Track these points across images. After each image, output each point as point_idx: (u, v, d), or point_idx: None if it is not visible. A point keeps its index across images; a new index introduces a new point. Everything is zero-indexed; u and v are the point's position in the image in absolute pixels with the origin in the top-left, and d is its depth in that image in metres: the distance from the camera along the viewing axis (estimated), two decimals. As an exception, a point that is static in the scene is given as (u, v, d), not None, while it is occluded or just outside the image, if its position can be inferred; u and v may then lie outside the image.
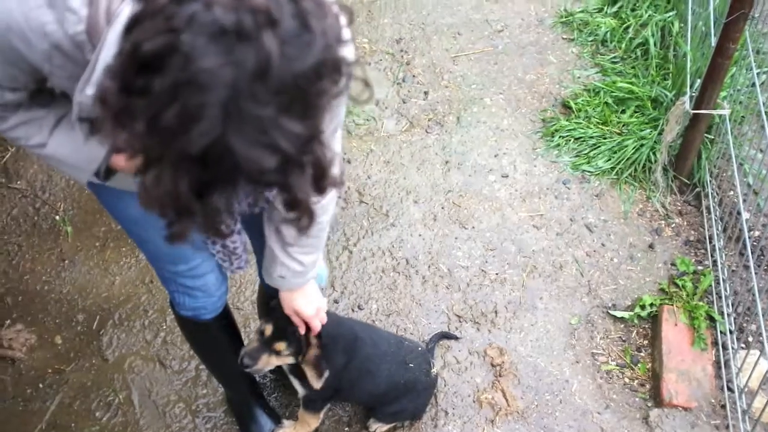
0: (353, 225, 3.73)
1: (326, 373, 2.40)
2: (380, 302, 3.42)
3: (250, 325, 3.31)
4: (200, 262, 2.21)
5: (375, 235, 3.68)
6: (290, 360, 2.43)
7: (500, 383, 3.14)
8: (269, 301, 2.53)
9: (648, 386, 3.19)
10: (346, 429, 3.01)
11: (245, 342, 2.66)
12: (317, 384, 2.41)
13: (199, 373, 3.15)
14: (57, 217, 3.72)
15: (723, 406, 3.06)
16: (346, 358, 2.54)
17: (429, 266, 3.55)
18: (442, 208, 3.81)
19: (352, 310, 3.38)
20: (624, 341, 3.32)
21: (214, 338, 2.57)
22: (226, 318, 2.52)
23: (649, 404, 3.12)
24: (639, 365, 3.25)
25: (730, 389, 3.09)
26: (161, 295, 3.42)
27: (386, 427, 2.94)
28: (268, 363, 2.41)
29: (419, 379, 2.83)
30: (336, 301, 3.41)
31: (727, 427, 2.99)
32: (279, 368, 2.60)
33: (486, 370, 3.19)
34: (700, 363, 3.17)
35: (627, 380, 3.21)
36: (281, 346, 2.36)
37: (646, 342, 3.33)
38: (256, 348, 2.39)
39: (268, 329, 2.37)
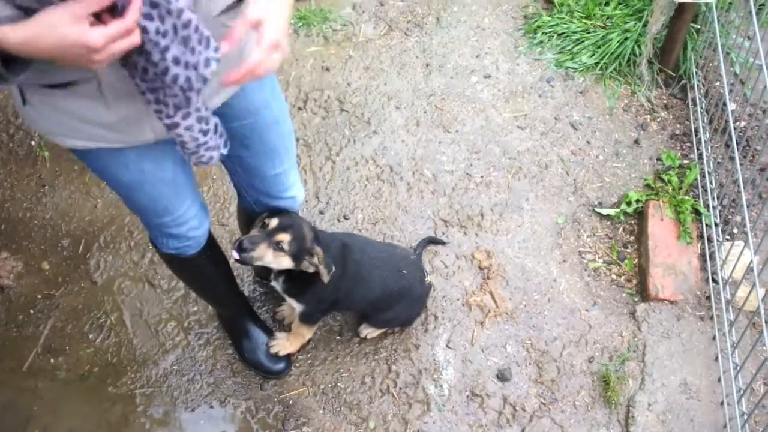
0: (335, 134, 3.67)
1: (333, 268, 2.40)
2: (366, 211, 3.40)
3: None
4: (184, 211, 2.20)
5: (357, 144, 3.63)
6: (284, 262, 2.35)
7: (488, 285, 3.16)
8: (248, 220, 2.52)
9: (635, 282, 3.22)
10: (338, 338, 3.04)
11: (231, 266, 2.67)
12: (326, 278, 2.37)
13: (188, 291, 3.16)
14: (33, 143, 3.65)
15: (708, 298, 3.10)
16: (339, 270, 2.50)
17: (413, 172, 3.52)
18: (425, 112, 3.75)
19: (338, 220, 3.36)
20: (611, 238, 3.33)
21: (199, 271, 2.56)
22: (210, 248, 2.48)
23: (636, 299, 3.15)
24: (626, 261, 3.26)
25: (714, 281, 3.12)
26: (145, 214, 3.40)
27: (377, 332, 2.98)
28: (264, 255, 2.31)
29: (413, 287, 2.84)
30: (321, 212, 3.39)
31: (712, 317, 3.03)
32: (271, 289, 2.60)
33: (474, 273, 3.20)
34: (686, 256, 3.19)
35: (614, 277, 3.23)
36: (284, 237, 2.29)
37: (632, 238, 3.34)
38: (258, 236, 2.31)
39: (273, 222, 2.31)
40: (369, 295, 2.74)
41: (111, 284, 3.22)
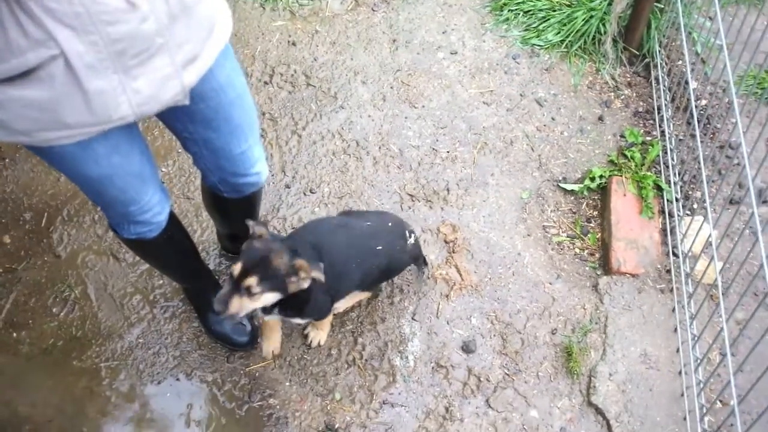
0: (301, 109, 3.66)
1: (321, 265, 2.28)
2: (332, 185, 3.40)
3: (201, 214, 3.29)
4: (148, 199, 2.20)
5: (324, 118, 3.63)
6: (269, 298, 2.25)
7: (454, 259, 3.19)
8: (212, 198, 2.50)
9: (597, 255, 3.27)
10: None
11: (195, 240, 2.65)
12: (320, 275, 2.25)
13: (153, 264, 3.14)
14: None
15: (668, 271, 3.16)
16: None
17: (380, 147, 3.53)
18: (391, 87, 3.75)
19: (304, 194, 3.36)
20: (574, 213, 3.37)
21: (161, 250, 2.54)
22: (171, 228, 2.45)
23: (599, 272, 3.20)
24: (589, 236, 3.31)
25: (675, 255, 3.18)
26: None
27: (346, 305, 2.98)
28: (242, 306, 2.20)
29: (395, 257, 2.76)
30: (288, 186, 3.39)
31: (672, 290, 3.10)
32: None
33: (440, 247, 3.23)
34: (648, 231, 3.24)
35: (577, 251, 3.28)
36: (251, 280, 2.15)
37: (595, 213, 3.38)
38: (227, 291, 2.19)
39: (236, 268, 2.18)
40: (353, 283, 2.68)
41: (75, 258, 3.19)
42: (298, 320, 2.65)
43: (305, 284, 2.26)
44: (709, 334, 2.89)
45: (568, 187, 3.42)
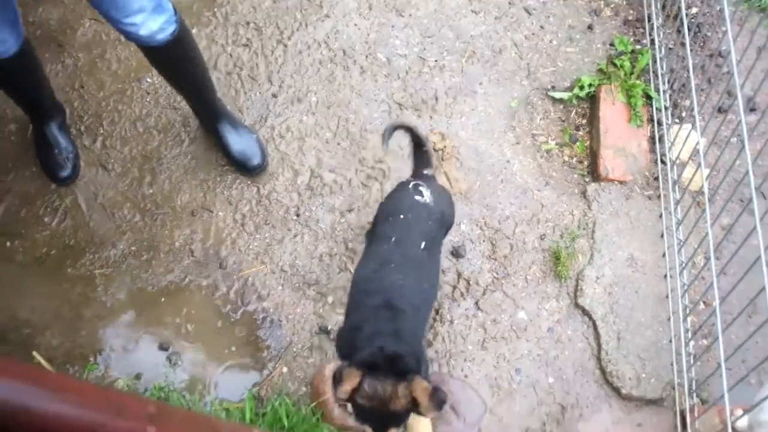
0: (286, 18, 3.60)
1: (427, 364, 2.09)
2: (319, 94, 3.38)
3: (189, 123, 3.26)
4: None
5: (309, 27, 3.58)
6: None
7: (443, 167, 3.20)
8: None
9: (586, 163, 3.30)
10: (294, 218, 3.06)
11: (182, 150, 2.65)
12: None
13: (143, 174, 3.13)
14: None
15: (656, 178, 3.19)
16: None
17: (366, 56, 3.49)
18: (379, -5, 3.69)
19: (292, 103, 3.34)
20: (563, 121, 3.38)
21: (12, 77, 2.75)
22: (25, 57, 2.64)
23: (587, 179, 3.23)
24: (577, 144, 3.33)
25: (663, 162, 3.21)
26: (94, 100, 3.33)
27: None
28: None
29: (433, 231, 2.44)
30: (275, 95, 3.36)
31: (659, 197, 3.14)
32: None
33: (429, 155, 3.23)
34: (636, 139, 3.26)
35: (566, 158, 3.30)
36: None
37: (584, 121, 3.39)
38: None
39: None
40: (432, 296, 2.42)
41: (63, 168, 3.17)
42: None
43: (433, 407, 1.95)
44: (694, 239, 2.95)
45: (557, 95, 3.41)
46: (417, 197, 2.42)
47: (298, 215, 3.07)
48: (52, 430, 0.76)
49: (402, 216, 2.38)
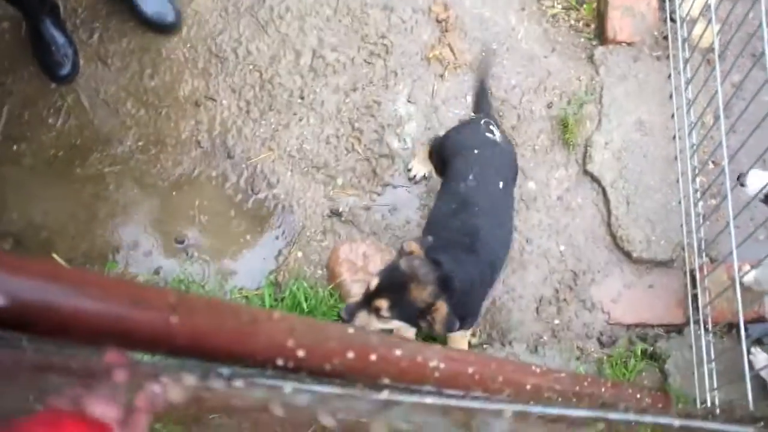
0: None
1: (456, 323, 2.00)
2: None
3: (186, 10, 3.18)
4: None
5: None
6: (398, 325, 2.04)
7: (447, 38, 3.13)
8: None
9: (593, 26, 3.21)
10: (299, 100, 3.04)
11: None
12: (454, 327, 2.00)
13: (143, 66, 3.09)
14: None
15: (665, 37, 3.10)
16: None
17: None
18: None
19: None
20: (568, -18, 3.27)
21: None
22: None
23: (594, 43, 3.16)
24: (584, 6, 3.23)
25: (672, 20, 3.11)
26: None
27: None
28: (369, 322, 1.99)
29: (506, 172, 2.41)
30: None
31: (668, 57, 3.06)
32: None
33: (432, 26, 3.16)
34: (644, -4, 3.16)
35: (573, 22, 3.21)
36: (382, 303, 1.95)
37: (590, -19, 3.28)
38: (357, 303, 2.00)
39: (373, 282, 1.99)
40: (508, 237, 2.37)
41: (62, 65, 3.14)
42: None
43: (439, 330, 1.99)
44: (703, 98, 2.90)
45: (562, -46, 3.28)
46: (488, 134, 2.39)
47: (302, 98, 3.04)
48: (74, 325, 0.79)
49: (476, 151, 2.35)
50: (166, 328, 0.89)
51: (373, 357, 1.37)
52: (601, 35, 3.16)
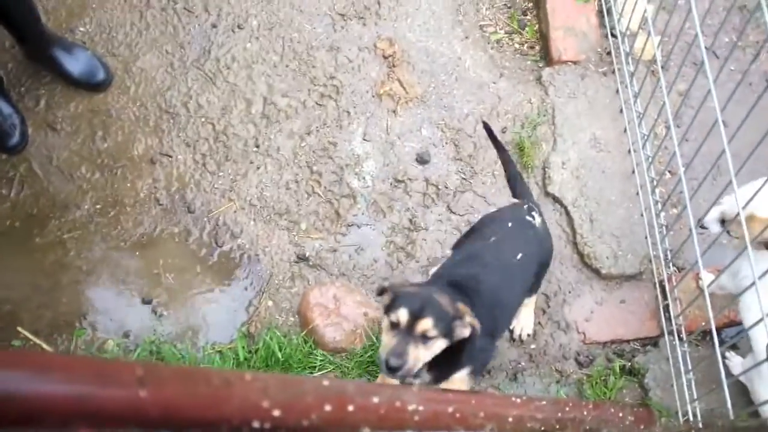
0: (213, -60, 3.45)
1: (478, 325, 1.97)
2: (259, 17, 3.27)
3: (131, 69, 3.17)
4: None
5: (239, -53, 3.43)
6: (440, 345, 1.94)
7: (395, 73, 3.15)
8: None
9: (537, 48, 3.26)
10: (254, 149, 3.03)
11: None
12: (476, 322, 1.97)
13: (93, 128, 3.06)
14: None
15: (608, 53, 3.16)
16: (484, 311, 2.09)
17: (302, -30, 3.37)
18: None
19: (233, 31, 3.24)
20: (509, 8, 3.32)
21: None
22: None
23: (541, 65, 3.20)
24: (527, 29, 3.28)
25: (613, 35, 3.18)
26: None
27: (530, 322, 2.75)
28: (419, 356, 1.90)
29: (536, 253, 2.37)
30: (214, 25, 3.25)
31: (614, 71, 3.12)
32: None
33: (379, 63, 3.18)
34: (584, 15, 3.21)
35: (517, 46, 3.26)
36: (427, 324, 1.87)
37: (531, 4, 3.33)
38: (399, 342, 1.88)
39: (402, 314, 1.88)
40: (511, 308, 2.37)
41: (11, 135, 3.09)
42: (458, 374, 2.18)
43: (467, 332, 1.96)
44: (653, 110, 2.95)
45: (500, -19, 3.34)
46: (528, 217, 2.37)
47: (257, 146, 3.03)
48: (41, 411, 0.77)
49: (510, 224, 2.34)
50: (136, 403, 0.87)
51: (350, 407, 1.35)
52: (546, 56, 3.21)
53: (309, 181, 2.97)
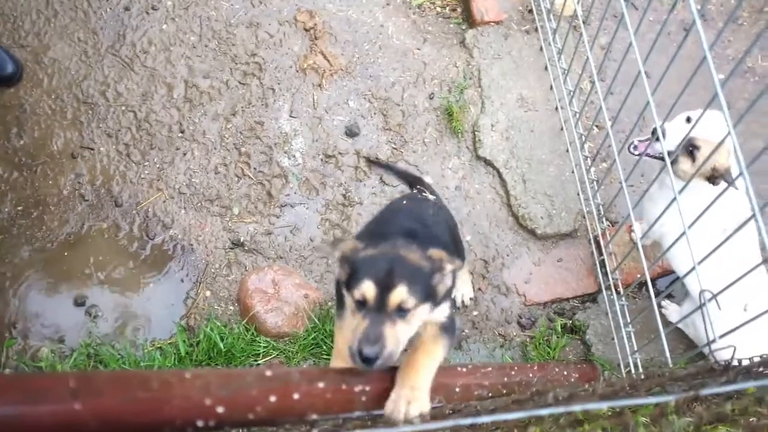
0: None
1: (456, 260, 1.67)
2: (173, -3, 3.17)
3: (43, 60, 3.04)
4: None
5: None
6: (423, 313, 1.58)
7: (318, 46, 3.09)
8: None
9: (459, 10, 3.22)
10: (179, 135, 2.95)
11: None
12: (459, 263, 1.64)
13: (7, 126, 2.93)
14: None
15: (530, 11, 3.15)
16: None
17: (213, -57, 3.26)
18: None
19: (147, 13, 3.13)
20: (428, -30, 3.26)
21: None
22: None
23: (464, 27, 3.17)
24: (447, -10, 3.24)
25: (534, -9, 3.16)
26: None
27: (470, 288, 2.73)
28: (398, 337, 1.52)
29: (437, 212, 2.19)
30: (127, 8, 3.13)
31: (536, 29, 3.11)
32: None
33: (300, 37, 3.11)
34: (503, -28, 3.18)
35: (439, 9, 3.21)
36: (401, 293, 1.51)
37: (449, -35, 3.28)
38: (368, 326, 1.50)
39: (368, 289, 1.51)
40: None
41: None
42: (435, 316, 1.74)
43: (450, 280, 1.66)
44: (577, 65, 2.96)
45: (417, -57, 3.28)
46: (420, 196, 2.31)
47: (182, 131, 2.95)
48: None
49: (406, 201, 2.22)
50: (73, 417, 0.84)
51: (296, 395, 1.33)
52: (469, 18, 3.18)
53: (238, 163, 2.90)
